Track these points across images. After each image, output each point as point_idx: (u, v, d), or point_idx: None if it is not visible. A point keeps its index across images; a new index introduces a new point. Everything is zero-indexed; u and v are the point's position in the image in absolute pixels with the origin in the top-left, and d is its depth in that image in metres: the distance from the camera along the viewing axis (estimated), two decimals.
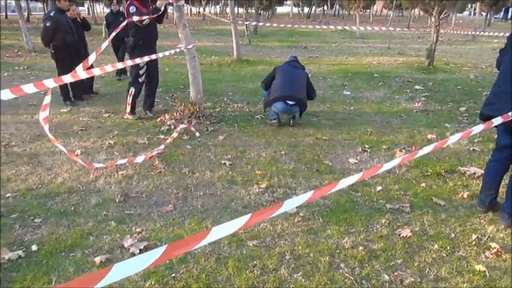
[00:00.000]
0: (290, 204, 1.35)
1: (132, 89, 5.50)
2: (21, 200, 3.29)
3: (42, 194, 3.40)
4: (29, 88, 2.70)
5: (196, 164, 4.08)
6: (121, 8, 8.69)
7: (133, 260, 1.11)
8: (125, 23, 4.77)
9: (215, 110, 6.13)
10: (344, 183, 1.50)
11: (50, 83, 3.40)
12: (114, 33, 4.54)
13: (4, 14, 33.17)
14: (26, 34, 12.84)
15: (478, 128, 2.30)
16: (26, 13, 24.01)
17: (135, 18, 4.93)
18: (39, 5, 37.35)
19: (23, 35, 12.98)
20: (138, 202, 3.30)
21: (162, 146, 4.33)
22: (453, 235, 2.85)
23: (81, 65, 3.70)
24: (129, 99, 5.53)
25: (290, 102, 5.13)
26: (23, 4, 24.14)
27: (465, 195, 3.41)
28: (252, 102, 6.68)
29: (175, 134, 4.69)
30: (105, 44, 4.04)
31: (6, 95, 2.77)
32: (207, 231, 1.20)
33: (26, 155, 4.24)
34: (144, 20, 5.03)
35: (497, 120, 2.48)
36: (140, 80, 5.50)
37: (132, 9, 5.16)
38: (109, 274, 1.08)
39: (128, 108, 5.56)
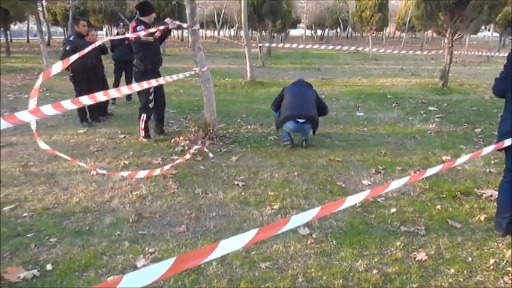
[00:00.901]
0: (297, 220, 1.36)
1: (144, 115, 5.57)
2: (37, 219, 3.34)
3: (58, 213, 3.45)
4: (47, 110, 2.78)
5: (210, 185, 4.10)
6: (126, 33, 8.87)
7: (144, 271, 1.13)
8: (97, 43, 4.34)
9: (228, 131, 6.18)
10: (351, 200, 1.50)
11: (68, 105, 3.50)
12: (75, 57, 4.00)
13: (26, 38, 34.38)
14: (47, 57, 13.24)
15: (488, 148, 2.29)
16: (46, 37, 24.83)
17: (142, 33, 4.98)
18: (60, 29, 38.65)
19: (44, 58, 13.39)
20: (152, 222, 3.32)
21: (167, 166, 4.33)
22: (470, 259, 2.79)
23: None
24: (142, 125, 5.62)
25: (300, 121, 5.13)
26: (44, 28, 25.00)
27: (482, 218, 3.34)
28: (265, 123, 6.72)
29: (188, 156, 4.73)
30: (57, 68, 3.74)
31: (25, 116, 2.86)
32: (215, 245, 1.22)
33: (43, 175, 4.33)
34: (155, 32, 5.11)
35: (509, 142, 2.46)
36: (150, 105, 5.59)
37: (141, 28, 5.21)
38: (120, 284, 1.10)
39: (142, 133, 5.65)
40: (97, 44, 4.26)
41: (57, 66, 3.27)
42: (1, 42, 21.35)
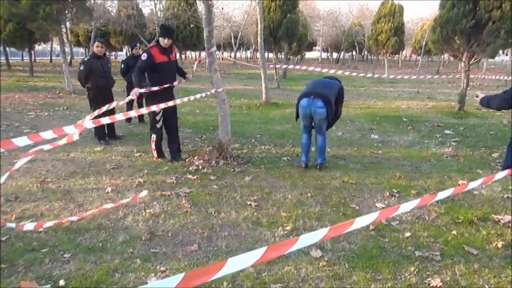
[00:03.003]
0: (306, 240, 1.36)
1: (154, 136, 5.61)
2: (52, 234, 3.40)
3: (73, 229, 3.50)
4: (69, 129, 2.87)
5: (222, 204, 4.12)
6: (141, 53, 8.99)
7: (155, 284, 1.14)
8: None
9: (243, 151, 6.22)
10: (360, 221, 1.50)
11: (89, 124, 3.62)
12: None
13: (49, 57, 35.51)
14: (68, 77, 13.64)
15: (502, 174, 2.26)
16: (69, 57, 25.61)
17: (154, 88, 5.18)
18: (82, 50, 39.84)
19: (65, 77, 13.80)
20: (164, 241, 3.33)
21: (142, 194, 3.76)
22: (487, 287, 2.72)
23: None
24: (153, 145, 5.65)
25: (313, 97, 5.09)
26: (67, 49, 25.81)
27: (499, 245, 3.26)
28: (279, 144, 6.74)
29: (143, 194, 3.80)
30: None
31: (49, 135, 2.96)
32: (224, 261, 1.23)
33: (60, 191, 4.41)
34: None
35: None
36: (158, 125, 5.54)
37: (144, 56, 5.20)
38: None
39: (155, 154, 5.70)
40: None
41: (88, 123, 3.48)
42: (23, 62, 22.03)
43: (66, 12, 13.64)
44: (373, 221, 1.49)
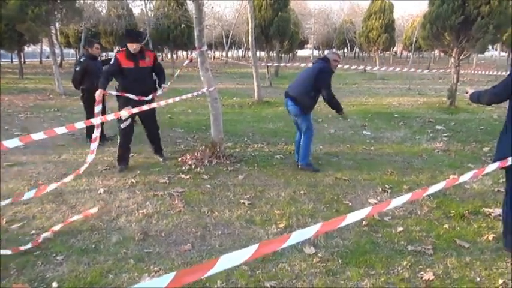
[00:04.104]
0: (298, 236, 1.37)
1: (119, 139, 5.34)
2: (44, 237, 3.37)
3: (65, 231, 3.48)
4: (60, 130, 2.85)
5: (216, 203, 4.11)
6: None
7: (147, 284, 1.14)
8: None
9: (235, 150, 6.22)
10: (352, 216, 1.51)
11: (80, 125, 3.60)
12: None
13: (39, 59, 35.19)
14: (58, 78, 13.53)
15: (492, 166, 2.29)
16: (59, 59, 25.39)
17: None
18: (72, 51, 39.55)
19: (55, 79, 13.68)
20: (157, 241, 3.33)
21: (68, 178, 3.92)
22: (478, 279, 2.75)
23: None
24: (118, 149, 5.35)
25: (287, 98, 5.18)
26: (57, 50, 25.59)
27: (490, 238, 3.30)
28: (272, 142, 6.75)
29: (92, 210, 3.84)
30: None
31: (40, 136, 2.94)
32: (216, 259, 1.23)
33: (52, 194, 4.37)
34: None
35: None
36: (122, 131, 5.28)
37: (111, 60, 5.09)
38: None
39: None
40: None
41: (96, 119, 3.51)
42: (12, 64, 21.84)
43: (56, 13, 13.52)
44: (366, 215, 1.50)
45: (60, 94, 13.18)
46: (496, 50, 32.23)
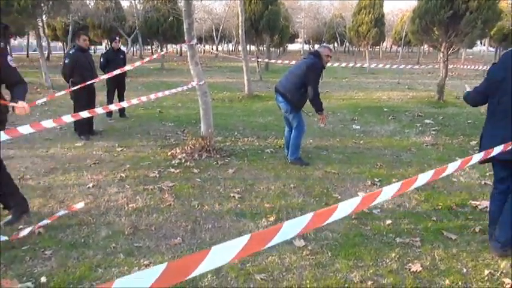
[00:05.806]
0: (289, 227, 1.37)
1: None
2: (32, 232, 3.33)
3: (54, 226, 3.44)
4: (48, 123, 2.82)
5: (206, 197, 4.11)
6: (121, 46, 8.75)
7: (137, 275, 1.15)
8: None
9: (226, 144, 6.21)
10: (343, 205, 1.52)
11: (68, 119, 3.56)
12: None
13: (26, 52, 34.61)
14: (46, 72, 13.32)
15: (478, 156, 2.33)
16: (46, 52, 24.99)
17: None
18: (59, 44, 38.97)
19: (43, 72, 13.48)
20: (147, 235, 3.32)
21: None
22: (465, 270, 2.79)
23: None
24: None
25: (276, 94, 5.18)
26: (44, 43, 25.20)
27: (477, 230, 3.35)
28: (262, 136, 6.75)
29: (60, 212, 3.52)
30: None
31: (26, 129, 2.90)
32: (207, 251, 1.24)
33: (40, 188, 4.33)
34: None
35: (498, 149, 2.49)
36: None
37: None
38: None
39: None
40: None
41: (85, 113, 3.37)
42: None
43: (42, 5, 13.25)
44: (357, 206, 1.52)
45: (48, 88, 12.99)
46: (484, 45, 32.55)
